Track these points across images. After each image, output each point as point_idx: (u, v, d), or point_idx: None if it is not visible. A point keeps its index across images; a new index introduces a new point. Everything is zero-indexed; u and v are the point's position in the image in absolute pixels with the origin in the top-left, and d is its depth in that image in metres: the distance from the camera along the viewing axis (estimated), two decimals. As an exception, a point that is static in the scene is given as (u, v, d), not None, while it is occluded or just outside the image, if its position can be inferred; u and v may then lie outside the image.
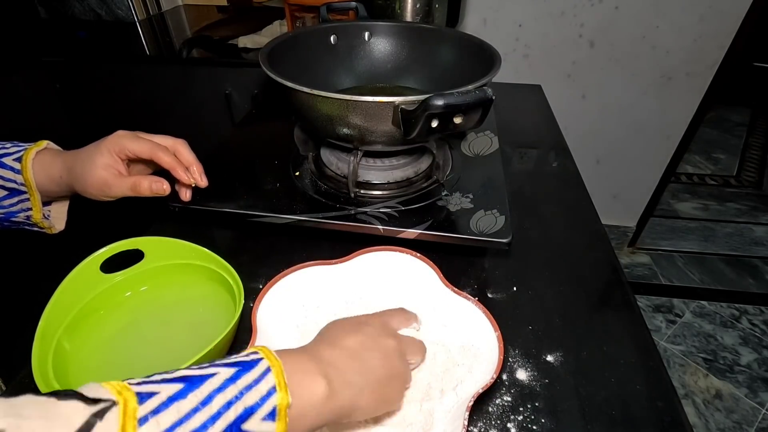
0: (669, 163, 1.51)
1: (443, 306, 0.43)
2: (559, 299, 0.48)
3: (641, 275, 1.64)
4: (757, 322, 1.46)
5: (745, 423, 1.19)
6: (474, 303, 0.42)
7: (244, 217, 0.54)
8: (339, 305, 0.45)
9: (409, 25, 0.70)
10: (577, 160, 0.71)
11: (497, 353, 0.37)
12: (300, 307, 0.44)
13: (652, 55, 1.29)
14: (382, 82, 0.71)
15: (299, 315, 0.44)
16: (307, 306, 0.45)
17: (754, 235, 1.81)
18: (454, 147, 0.66)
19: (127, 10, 1.27)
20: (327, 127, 0.51)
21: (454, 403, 0.36)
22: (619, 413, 0.38)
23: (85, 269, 0.44)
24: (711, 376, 1.30)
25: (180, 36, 1.25)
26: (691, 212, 1.92)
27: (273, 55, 0.55)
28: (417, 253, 0.47)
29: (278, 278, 0.44)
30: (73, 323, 0.42)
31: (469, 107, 0.41)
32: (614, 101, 1.40)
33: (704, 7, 1.20)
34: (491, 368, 0.36)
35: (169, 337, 0.44)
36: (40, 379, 0.35)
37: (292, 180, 0.59)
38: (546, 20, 1.27)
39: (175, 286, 0.48)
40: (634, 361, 0.42)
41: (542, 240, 0.56)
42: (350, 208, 0.54)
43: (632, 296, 0.49)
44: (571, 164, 0.70)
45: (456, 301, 0.43)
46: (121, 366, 0.41)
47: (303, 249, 0.54)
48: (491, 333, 0.39)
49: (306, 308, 0.44)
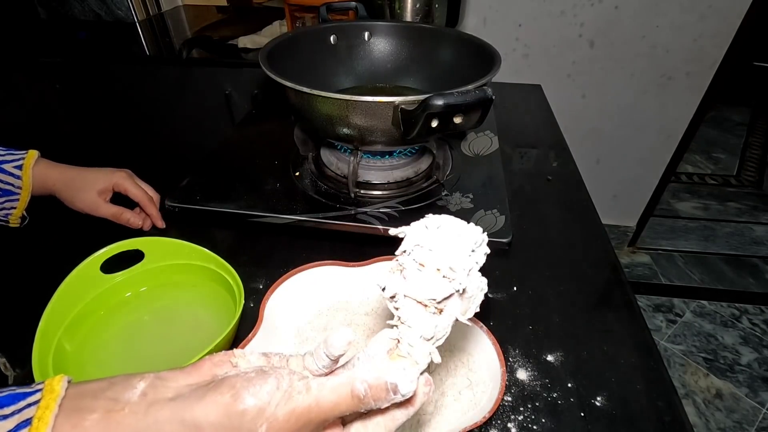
0: (669, 162, 1.51)
1: (453, 329, 0.42)
2: (559, 299, 0.48)
3: (641, 275, 1.64)
4: (758, 321, 1.46)
5: (746, 423, 1.19)
6: (485, 332, 0.40)
7: (244, 217, 0.54)
8: (342, 315, 0.44)
9: (409, 25, 0.70)
10: (577, 160, 0.71)
11: (498, 391, 0.35)
12: (306, 308, 0.44)
13: (652, 55, 1.29)
14: (382, 82, 0.71)
15: (302, 317, 0.44)
16: (312, 309, 0.44)
17: (754, 234, 1.81)
18: (454, 147, 0.66)
19: (126, 11, 1.27)
20: (327, 127, 0.51)
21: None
22: (619, 413, 0.38)
23: (85, 269, 0.44)
24: (711, 375, 1.30)
25: (180, 36, 1.25)
26: (691, 212, 1.92)
27: (273, 55, 0.55)
28: None
29: (291, 274, 0.43)
30: (74, 323, 0.42)
31: (469, 107, 0.41)
32: (614, 101, 1.40)
33: (704, 7, 1.20)
34: (488, 405, 0.34)
35: (169, 338, 0.44)
36: (40, 379, 0.35)
37: (292, 180, 0.59)
38: (546, 20, 1.27)
39: (175, 286, 0.48)
40: (634, 360, 0.42)
41: (542, 240, 0.56)
42: (350, 208, 0.54)
43: (632, 296, 0.49)
44: (571, 164, 0.70)
45: (467, 326, 0.40)
46: (121, 366, 0.41)
47: (303, 249, 0.54)
48: (497, 368, 0.37)
49: (310, 311, 0.44)
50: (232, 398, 0.21)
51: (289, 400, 0.21)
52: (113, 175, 0.54)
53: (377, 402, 0.23)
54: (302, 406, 0.21)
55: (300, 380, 0.22)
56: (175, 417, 0.21)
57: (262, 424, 0.21)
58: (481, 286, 0.26)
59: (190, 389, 0.22)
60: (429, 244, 0.26)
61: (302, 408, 0.21)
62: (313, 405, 0.22)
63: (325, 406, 0.22)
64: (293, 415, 0.21)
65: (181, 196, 0.56)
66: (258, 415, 0.21)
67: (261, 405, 0.21)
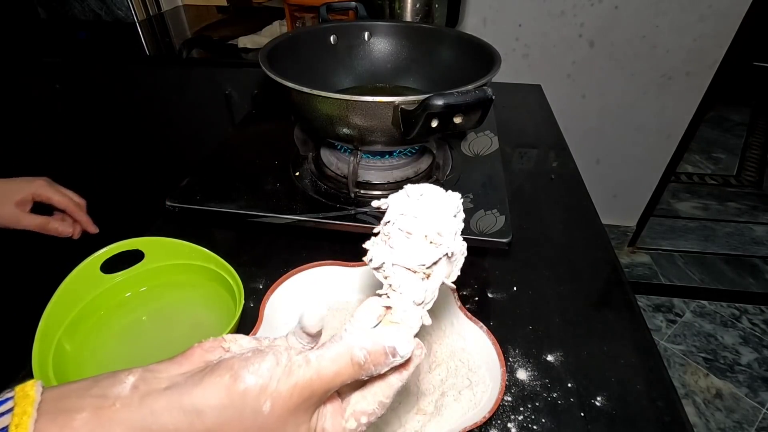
0: (669, 162, 1.51)
1: (455, 331, 0.42)
2: (559, 299, 0.48)
3: (641, 275, 1.64)
4: (758, 321, 1.46)
5: (746, 423, 1.19)
6: (486, 333, 0.40)
7: (244, 217, 0.54)
8: (342, 315, 0.44)
9: (409, 25, 0.70)
10: (577, 160, 0.71)
11: (498, 391, 0.35)
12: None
13: (652, 55, 1.29)
14: (382, 82, 0.71)
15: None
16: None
17: (754, 234, 1.81)
18: (454, 147, 0.66)
19: (126, 11, 1.27)
20: (327, 127, 0.51)
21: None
22: (619, 413, 0.38)
23: (85, 269, 0.44)
24: (711, 375, 1.30)
25: (180, 36, 1.25)
26: (691, 212, 1.92)
27: (273, 55, 0.55)
28: None
29: (291, 274, 0.43)
30: (74, 323, 0.42)
31: (468, 107, 0.41)
32: (614, 101, 1.40)
33: (704, 7, 1.20)
34: (488, 405, 0.34)
35: (169, 338, 0.44)
36: (40, 379, 0.35)
37: (292, 180, 0.59)
38: (546, 20, 1.27)
39: (175, 286, 0.48)
40: (634, 360, 0.42)
41: (542, 240, 0.56)
42: (350, 208, 0.54)
43: (632, 296, 0.49)
44: (571, 164, 0.70)
45: (468, 326, 0.41)
46: (121, 366, 0.41)
47: (303, 249, 0.54)
48: (497, 368, 0.37)
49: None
50: (231, 379, 0.20)
51: (290, 374, 0.21)
52: (31, 184, 0.51)
53: (377, 367, 0.23)
54: (304, 379, 0.21)
55: (298, 354, 0.22)
56: (172, 405, 0.20)
57: (265, 400, 0.21)
58: (462, 249, 0.28)
59: (184, 377, 0.21)
60: (413, 211, 0.26)
61: (304, 381, 0.21)
62: (314, 377, 0.22)
63: (327, 377, 0.22)
64: (296, 388, 0.21)
65: (181, 196, 0.56)
66: (261, 393, 0.21)
67: (262, 382, 0.21)
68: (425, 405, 0.36)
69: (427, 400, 0.37)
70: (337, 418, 0.24)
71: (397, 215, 0.27)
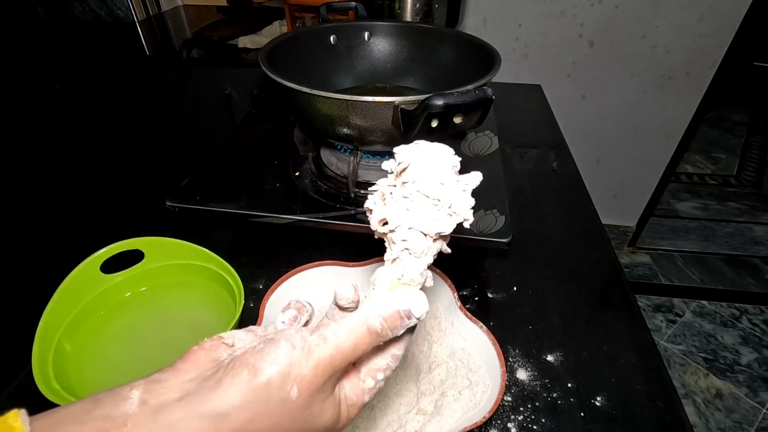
0: (669, 162, 1.51)
1: (455, 331, 0.42)
2: (559, 299, 0.48)
3: (641, 275, 1.64)
4: (758, 321, 1.46)
5: (746, 423, 1.19)
6: (486, 333, 0.40)
7: (244, 217, 0.54)
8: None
9: (409, 25, 0.70)
10: (577, 160, 0.71)
11: (498, 391, 0.35)
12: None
13: (651, 55, 1.29)
14: (382, 82, 0.71)
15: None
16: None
17: (754, 234, 1.81)
18: (454, 147, 0.66)
19: (126, 11, 1.27)
20: (327, 127, 0.51)
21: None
22: (619, 413, 0.38)
23: (85, 269, 0.44)
24: (711, 375, 1.30)
25: (180, 36, 1.25)
26: (691, 212, 1.92)
27: (273, 55, 0.55)
28: (436, 268, 0.44)
29: (291, 274, 0.43)
30: (74, 323, 0.42)
31: (468, 107, 0.41)
32: (614, 101, 1.40)
33: (704, 7, 1.20)
34: (488, 405, 0.34)
35: (169, 338, 0.44)
36: (40, 379, 0.35)
37: (292, 180, 0.59)
38: (546, 20, 1.27)
39: (175, 286, 0.48)
40: (634, 360, 0.42)
41: (542, 240, 0.56)
42: (350, 208, 0.54)
43: (632, 296, 0.49)
44: (571, 164, 0.70)
45: (468, 326, 0.41)
46: (121, 366, 0.41)
47: (303, 249, 0.54)
48: (497, 368, 0.37)
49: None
50: (250, 374, 0.20)
51: (310, 355, 0.21)
52: None
53: (394, 331, 0.23)
54: (325, 357, 0.21)
55: (311, 334, 0.22)
56: (191, 415, 0.19)
57: (291, 386, 0.20)
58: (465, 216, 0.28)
59: (196, 383, 0.20)
60: (438, 176, 0.26)
61: (326, 359, 0.21)
62: (335, 353, 0.22)
63: (346, 350, 0.22)
64: (318, 368, 0.21)
65: (181, 196, 0.56)
66: (284, 381, 0.20)
67: (283, 370, 0.20)
68: (425, 405, 0.36)
69: (427, 400, 0.37)
70: (354, 380, 0.24)
71: (419, 176, 0.26)
